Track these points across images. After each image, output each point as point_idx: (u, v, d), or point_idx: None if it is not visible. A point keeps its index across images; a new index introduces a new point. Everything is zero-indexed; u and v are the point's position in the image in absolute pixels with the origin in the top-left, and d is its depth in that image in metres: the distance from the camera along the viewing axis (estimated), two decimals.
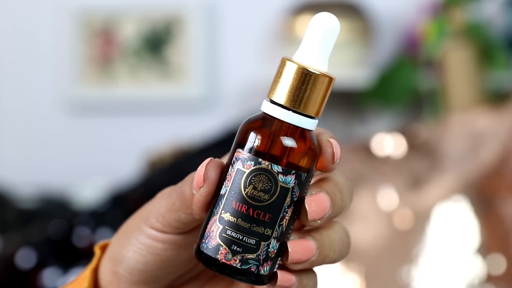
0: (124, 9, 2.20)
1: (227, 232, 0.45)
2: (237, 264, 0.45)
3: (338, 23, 0.46)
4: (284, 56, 0.46)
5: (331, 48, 0.46)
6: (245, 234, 0.45)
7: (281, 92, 0.45)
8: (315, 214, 0.45)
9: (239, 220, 0.45)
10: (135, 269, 0.49)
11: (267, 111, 0.46)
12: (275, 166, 0.45)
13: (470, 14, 1.94)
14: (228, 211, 0.45)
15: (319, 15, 0.46)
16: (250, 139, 0.45)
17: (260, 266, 0.45)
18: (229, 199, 0.45)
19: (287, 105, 0.45)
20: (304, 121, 0.45)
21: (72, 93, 2.21)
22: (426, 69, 1.99)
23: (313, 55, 0.46)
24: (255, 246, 0.45)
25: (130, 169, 2.00)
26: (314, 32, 0.46)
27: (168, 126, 2.19)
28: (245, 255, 0.45)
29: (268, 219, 0.45)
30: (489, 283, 1.11)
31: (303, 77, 0.45)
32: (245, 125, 0.46)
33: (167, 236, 0.48)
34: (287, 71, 0.45)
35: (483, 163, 1.18)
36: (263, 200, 0.45)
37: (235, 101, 2.15)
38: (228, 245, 0.45)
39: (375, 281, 1.13)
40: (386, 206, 1.17)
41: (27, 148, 2.24)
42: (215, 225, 0.45)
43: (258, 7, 2.17)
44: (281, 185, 0.45)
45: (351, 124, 2.17)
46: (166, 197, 0.48)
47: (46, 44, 2.22)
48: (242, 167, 0.45)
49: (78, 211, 1.50)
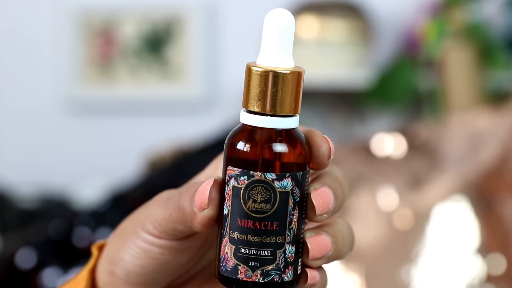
0: (124, 9, 2.20)
1: (241, 251, 0.45)
2: (259, 279, 0.45)
3: (292, 18, 0.44)
4: (248, 63, 0.45)
5: (292, 42, 0.45)
6: (258, 248, 0.44)
7: (255, 99, 0.44)
8: (322, 208, 0.45)
9: (249, 236, 0.44)
10: (132, 271, 0.48)
11: (246, 121, 0.45)
12: (269, 175, 0.44)
13: (470, 14, 1.94)
14: (236, 230, 0.45)
15: (271, 13, 0.44)
16: (237, 154, 0.45)
17: (283, 273, 0.45)
18: (233, 218, 0.45)
19: (264, 111, 0.44)
20: (285, 122, 0.45)
21: (72, 93, 2.21)
22: (426, 69, 1.99)
23: (275, 55, 0.45)
24: (271, 256, 0.45)
25: (130, 169, 2.00)
26: (270, 32, 0.45)
27: (168, 126, 2.19)
28: (265, 268, 0.45)
29: (276, 227, 0.44)
30: (489, 283, 1.11)
31: (272, 80, 0.44)
32: (228, 140, 0.45)
33: (163, 242, 0.47)
34: (254, 77, 0.44)
35: (483, 163, 1.18)
36: (266, 211, 0.44)
37: (235, 101, 2.15)
38: (245, 263, 0.45)
39: (375, 281, 1.13)
40: (386, 206, 1.17)
41: (27, 148, 2.24)
42: (228, 246, 0.45)
43: (258, 7, 2.16)
44: (279, 191, 0.44)
45: (351, 124, 2.17)
46: (162, 205, 0.47)
47: (46, 44, 2.22)
48: (237, 184, 0.44)
49: (78, 211, 1.49)
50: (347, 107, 2.16)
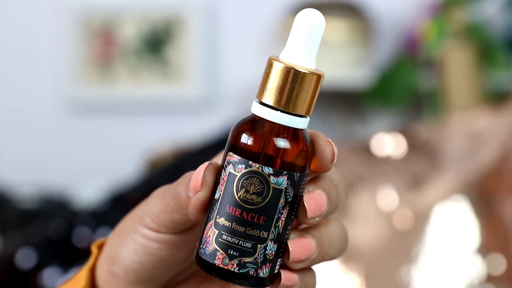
0: (124, 9, 2.20)
1: (223, 237, 0.45)
2: (235, 269, 0.45)
3: (323, 20, 0.45)
4: (270, 56, 0.45)
5: (318, 45, 0.45)
6: (240, 238, 0.44)
7: (270, 92, 0.45)
8: (314, 212, 0.45)
9: (234, 224, 0.44)
10: (131, 268, 0.49)
11: (257, 112, 0.45)
12: (266, 168, 0.44)
13: (470, 14, 1.94)
14: (223, 215, 0.45)
15: (304, 12, 0.45)
16: (241, 142, 0.45)
17: (259, 269, 0.45)
18: (223, 203, 0.45)
19: (277, 105, 0.44)
20: (295, 121, 0.45)
21: (72, 93, 2.21)
22: (426, 69, 1.99)
23: (299, 53, 0.45)
24: (251, 249, 0.45)
25: (130, 169, 2.01)
26: (299, 30, 0.45)
27: (168, 126, 2.19)
28: (242, 259, 0.45)
29: (263, 221, 0.44)
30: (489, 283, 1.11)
31: (291, 77, 0.44)
32: (235, 128, 0.45)
33: (161, 236, 0.48)
34: (274, 71, 0.45)
35: (483, 163, 1.18)
36: (256, 203, 0.44)
37: (235, 101, 2.15)
38: (224, 249, 0.45)
39: (375, 281, 1.13)
40: (386, 206, 1.17)
41: (27, 148, 2.25)
42: (211, 230, 0.45)
43: (258, 7, 2.17)
44: (273, 186, 0.44)
45: (351, 124, 2.17)
46: (160, 197, 0.48)
47: (46, 44, 2.22)
48: (233, 171, 0.45)
49: (78, 211, 1.50)
50: (347, 107, 2.16)
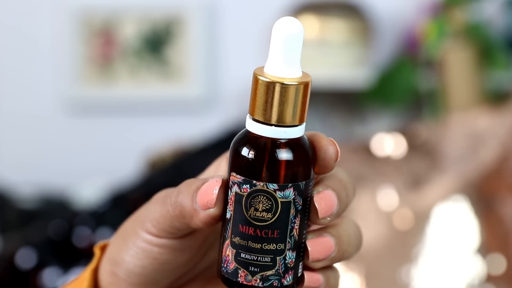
0: (124, 9, 2.20)
1: (241, 255, 0.45)
2: (259, 284, 0.45)
3: (301, 27, 0.44)
4: (255, 70, 0.45)
5: (300, 51, 0.44)
6: (258, 254, 0.45)
7: (260, 109, 0.44)
8: (325, 212, 0.45)
9: (249, 242, 0.44)
10: (133, 272, 0.49)
11: (252, 129, 0.44)
12: (271, 185, 0.44)
13: (470, 14, 1.94)
14: (237, 235, 0.45)
15: (280, 21, 0.44)
16: (241, 161, 0.44)
17: (282, 278, 0.45)
18: (235, 223, 0.45)
19: (269, 121, 0.44)
20: (291, 132, 0.44)
21: (72, 93, 2.21)
22: (426, 69, 1.99)
23: (282, 65, 0.44)
24: (271, 262, 0.45)
25: (130, 169, 2.01)
26: (278, 40, 0.44)
27: (168, 126, 2.19)
28: (264, 273, 0.45)
29: (277, 235, 0.44)
30: (489, 283, 1.11)
31: (278, 92, 0.43)
32: (233, 147, 0.45)
33: (162, 241, 0.48)
34: (260, 87, 0.44)
35: (483, 163, 1.18)
36: (267, 219, 0.44)
37: (235, 101, 2.15)
38: (245, 267, 0.45)
39: (375, 281, 1.13)
40: (386, 206, 1.17)
41: (27, 148, 2.24)
42: (229, 249, 0.45)
43: (258, 7, 2.17)
44: (281, 201, 0.44)
45: (351, 124, 2.17)
46: (160, 202, 0.47)
47: (46, 44, 2.22)
48: (239, 191, 0.44)
49: (78, 211, 1.50)
50: (347, 107, 2.16)
